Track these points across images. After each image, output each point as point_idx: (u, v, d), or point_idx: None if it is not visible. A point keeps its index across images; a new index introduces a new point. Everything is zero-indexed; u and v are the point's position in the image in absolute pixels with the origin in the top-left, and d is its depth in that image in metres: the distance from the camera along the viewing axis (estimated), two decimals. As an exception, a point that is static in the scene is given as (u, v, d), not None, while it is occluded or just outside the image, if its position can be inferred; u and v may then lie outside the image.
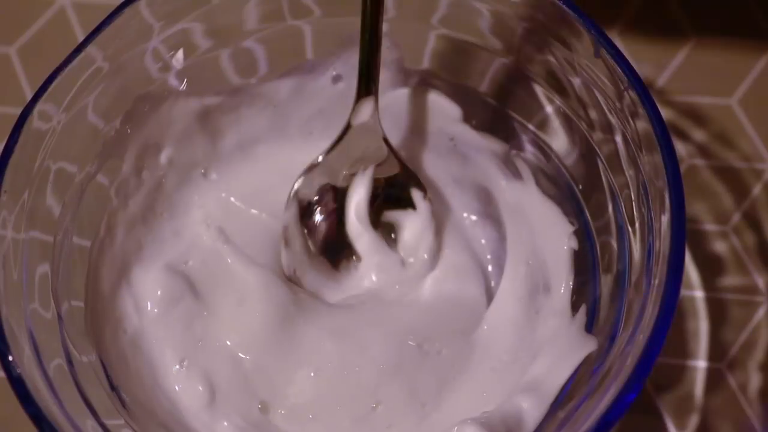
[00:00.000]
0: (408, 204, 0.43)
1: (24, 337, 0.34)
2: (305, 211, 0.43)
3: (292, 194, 0.43)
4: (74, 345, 0.36)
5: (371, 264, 0.43)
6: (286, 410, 0.40)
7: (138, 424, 0.37)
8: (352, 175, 0.43)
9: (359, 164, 0.43)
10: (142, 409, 0.38)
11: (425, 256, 0.43)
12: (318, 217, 0.43)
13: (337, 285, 0.43)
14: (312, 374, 0.40)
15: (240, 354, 0.40)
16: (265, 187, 0.44)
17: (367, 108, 0.41)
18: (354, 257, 0.43)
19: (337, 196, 0.43)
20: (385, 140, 0.42)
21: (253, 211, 0.44)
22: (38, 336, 0.34)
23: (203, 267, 0.42)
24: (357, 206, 0.43)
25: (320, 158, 0.43)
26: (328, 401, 0.40)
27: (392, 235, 0.43)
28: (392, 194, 0.43)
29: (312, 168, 0.43)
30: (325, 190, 0.43)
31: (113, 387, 0.37)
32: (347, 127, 0.42)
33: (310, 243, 0.43)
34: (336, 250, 0.43)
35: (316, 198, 0.43)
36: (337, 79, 0.44)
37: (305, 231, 0.43)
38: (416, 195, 0.43)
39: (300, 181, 0.43)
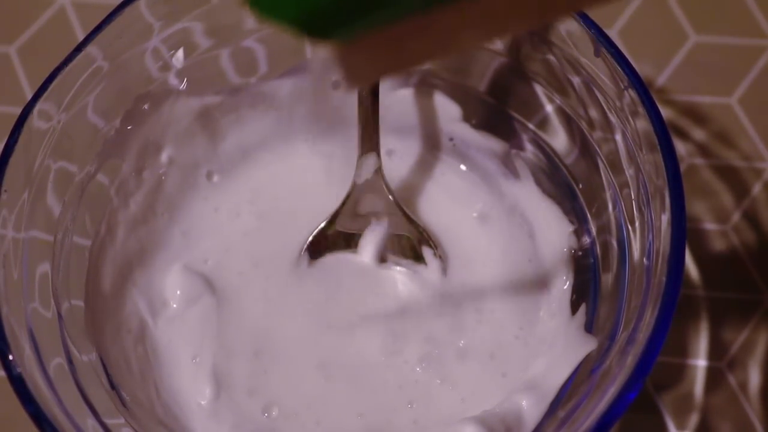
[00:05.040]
0: (419, 259, 0.43)
1: (24, 337, 0.34)
2: (315, 254, 0.43)
3: (303, 250, 0.43)
4: (74, 344, 0.36)
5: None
6: (291, 414, 0.40)
7: (138, 424, 0.37)
8: (365, 227, 0.43)
9: (371, 216, 0.43)
10: (142, 409, 0.38)
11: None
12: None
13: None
14: (321, 378, 0.40)
15: (252, 354, 0.41)
16: (268, 191, 0.45)
17: (369, 165, 0.41)
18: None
19: (350, 242, 0.43)
20: (393, 197, 0.42)
21: (257, 213, 0.44)
22: (38, 335, 0.34)
23: (221, 266, 0.43)
24: (369, 257, 0.43)
25: (328, 221, 0.43)
26: (335, 406, 0.40)
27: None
28: (403, 251, 0.43)
29: (322, 229, 0.43)
30: (338, 237, 0.43)
31: (113, 386, 0.38)
32: (352, 185, 0.42)
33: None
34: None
35: (327, 244, 0.43)
36: (336, 84, 0.44)
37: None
38: (427, 252, 0.43)
39: (311, 238, 0.43)
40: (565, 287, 0.41)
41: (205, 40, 0.41)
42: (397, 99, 0.44)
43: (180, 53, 0.41)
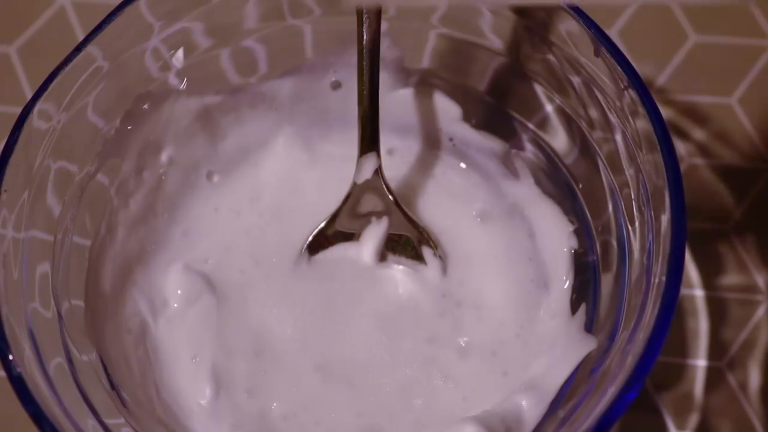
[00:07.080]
0: (419, 258, 0.43)
1: (24, 336, 0.34)
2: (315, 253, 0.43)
3: (303, 249, 0.43)
4: (74, 344, 0.36)
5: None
6: (290, 414, 0.40)
7: (138, 423, 0.37)
8: (365, 227, 0.43)
9: (371, 216, 0.43)
10: (142, 408, 0.38)
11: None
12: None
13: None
14: (321, 378, 0.40)
15: (252, 354, 0.41)
16: (268, 191, 0.45)
17: (369, 165, 0.42)
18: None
19: (350, 241, 0.43)
20: (392, 197, 0.42)
21: (257, 213, 0.44)
22: (38, 335, 0.34)
23: (222, 266, 0.43)
24: (368, 256, 0.43)
25: (328, 220, 0.43)
26: (335, 406, 0.40)
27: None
28: (403, 250, 0.43)
29: (322, 229, 0.43)
30: (338, 236, 0.43)
31: (113, 386, 0.38)
32: (352, 185, 0.42)
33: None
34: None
35: (327, 243, 0.43)
36: (336, 85, 0.44)
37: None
38: (427, 252, 0.43)
39: (311, 238, 0.43)
40: (565, 287, 0.41)
41: (205, 39, 0.41)
42: (397, 99, 0.44)
43: (180, 53, 0.41)
